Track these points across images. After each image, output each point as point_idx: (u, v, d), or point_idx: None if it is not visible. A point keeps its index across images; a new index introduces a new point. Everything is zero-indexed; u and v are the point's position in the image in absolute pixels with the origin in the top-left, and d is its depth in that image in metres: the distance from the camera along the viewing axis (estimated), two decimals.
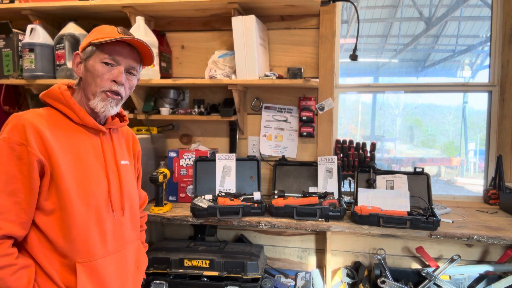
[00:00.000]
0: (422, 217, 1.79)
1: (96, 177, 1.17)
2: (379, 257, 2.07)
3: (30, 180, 1.06)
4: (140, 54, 1.26)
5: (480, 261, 2.17)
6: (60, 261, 1.11)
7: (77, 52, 1.21)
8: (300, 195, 2.14)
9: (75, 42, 2.20)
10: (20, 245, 1.11)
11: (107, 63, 1.17)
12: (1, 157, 1.04)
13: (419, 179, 2.11)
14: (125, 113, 1.39)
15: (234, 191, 2.18)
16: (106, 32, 1.18)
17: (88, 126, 1.20)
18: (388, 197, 1.95)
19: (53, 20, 2.43)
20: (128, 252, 1.28)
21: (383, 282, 1.93)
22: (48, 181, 1.08)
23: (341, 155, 2.31)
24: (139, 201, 1.44)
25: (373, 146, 2.31)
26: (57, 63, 2.22)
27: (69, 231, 1.10)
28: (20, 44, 2.25)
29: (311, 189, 2.21)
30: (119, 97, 1.22)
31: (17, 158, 1.04)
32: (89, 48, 1.18)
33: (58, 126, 1.14)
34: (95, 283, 1.14)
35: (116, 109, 1.23)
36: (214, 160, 2.20)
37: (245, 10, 2.18)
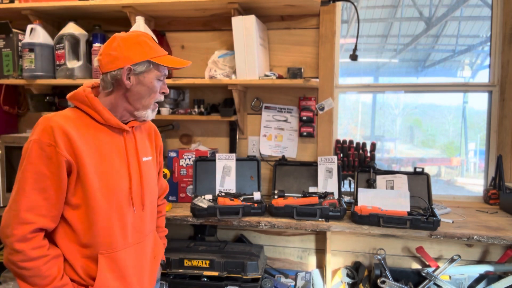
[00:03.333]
0: (422, 217, 1.79)
1: (118, 175, 1.25)
2: (379, 257, 2.07)
3: (59, 178, 1.15)
4: None
5: (480, 261, 2.16)
6: (83, 252, 1.21)
7: (129, 66, 1.24)
8: (300, 195, 2.14)
9: (75, 42, 2.20)
10: (48, 236, 1.20)
11: (160, 79, 1.30)
12: (32, 157, 1.13)
13: (419, 179, 2.11)
14: None
15: (234, 191, 2.18)
16: (157, 50, 1.28)
17: (112, 126, 1.27)
18: (388, 197, 1.95)
19: (53, 20, 2.43)
20: (147, 244, 1.37)
21: (383, 282, 1.93)
22: (75, 178, 1.17)
23: (341, 155, 2.31)
24: (160, 190, 1.57)
25: (373, 146, 2.31)
26: (57, 63, 2.22)
27: (92, 225, 1.19)
28: (20, 44, 2.25)
29: (311, 189, 2.21)
30: None
31: (47, 158, 1.13)
32: (146, 63, 1.25)
33: (84, 127, 1.22)
34: (114, 272, 1.24)
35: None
36: (214, 160, 2.20)
37: (245, 10, 2.18)
